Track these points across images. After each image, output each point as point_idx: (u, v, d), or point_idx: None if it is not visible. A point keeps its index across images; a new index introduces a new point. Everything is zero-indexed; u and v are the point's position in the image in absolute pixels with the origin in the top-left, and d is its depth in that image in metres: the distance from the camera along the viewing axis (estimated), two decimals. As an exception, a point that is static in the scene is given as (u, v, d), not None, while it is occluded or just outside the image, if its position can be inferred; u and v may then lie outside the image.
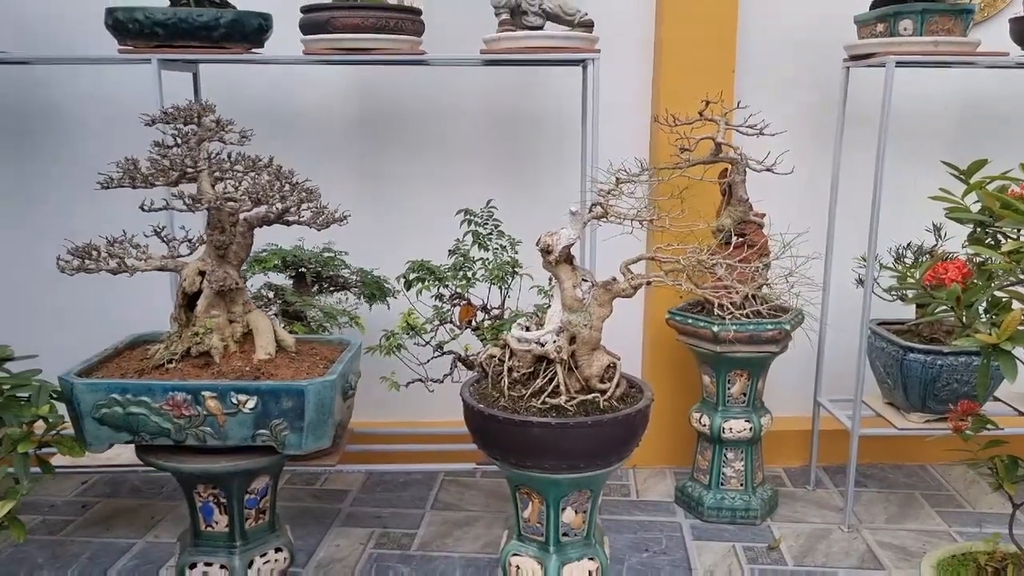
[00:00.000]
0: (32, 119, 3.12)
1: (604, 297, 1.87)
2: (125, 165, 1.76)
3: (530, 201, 3.12)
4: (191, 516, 1.94)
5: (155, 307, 2.62)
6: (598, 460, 1.83)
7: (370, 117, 3.16)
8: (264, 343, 1.87)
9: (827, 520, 2.86)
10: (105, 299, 3.05)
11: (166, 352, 1.84)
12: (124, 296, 2.79)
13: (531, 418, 1.78)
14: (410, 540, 2.74)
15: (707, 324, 2.67)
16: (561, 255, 1.87)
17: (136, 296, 2.69)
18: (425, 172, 3.18)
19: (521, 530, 1.97)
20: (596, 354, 1.89)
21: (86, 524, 2.85)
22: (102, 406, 1.73)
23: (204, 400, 1.73)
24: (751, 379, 2.77)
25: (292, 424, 1.75)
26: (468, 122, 3.17)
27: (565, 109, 3.11)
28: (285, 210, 1.80)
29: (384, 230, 3.12)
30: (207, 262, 1.87)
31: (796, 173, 2.68)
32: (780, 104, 3.00)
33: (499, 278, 2.55)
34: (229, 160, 1.89)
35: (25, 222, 3.19)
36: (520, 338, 1.91)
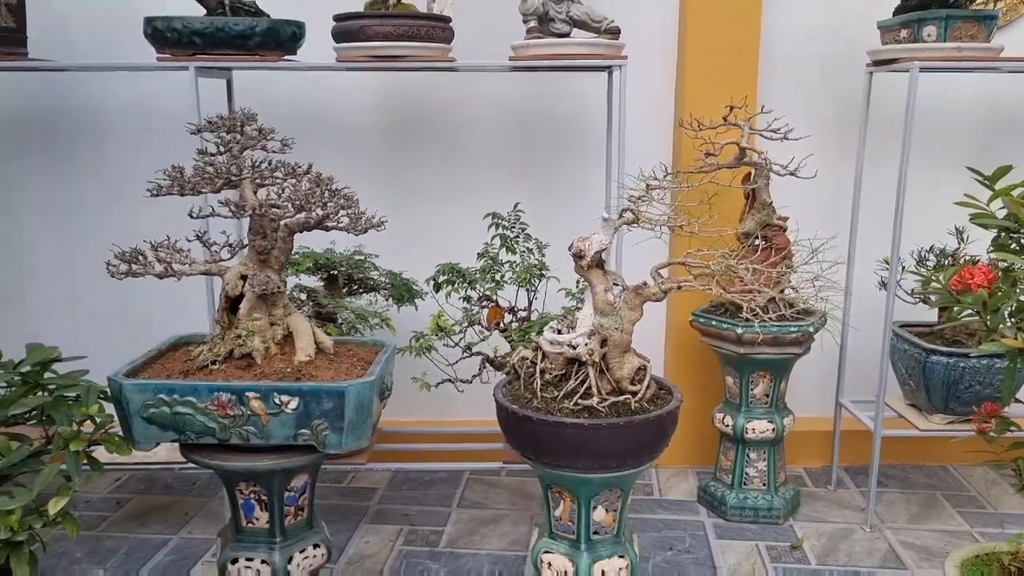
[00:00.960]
0: (70, 125, 3.20)
1: (635, 301, 1.92)
2: (172, 173, 1.82)
3: (555, 205, 3.17)
4: (232, 513, 2.00)
5: (190, 309, 2.70)
6: (629, 460, 1.88)
7: (398, 123, 3.22)
8: (304, 345, 1.93)
9: (849, 520, 2.89)
10: (140, 301, 3.13)
11: (210, 354, 1.90)
12: (159, 298, 2.86)
13: (564, 419, 1.82)
14: (438, 537, 2.79)
15: (731, 326, 2.70)
16: (593, 260, 1.91)
17: (170, 298, 2.75)
18: (452, 177, 3.24)
19: (552, 528, 2.02)
20: (627, 356, 1.94)
21: (121, 520, 2.92)
22: (150, 406, 1.79)
23: (248, 400, 1.78)
24: (774, 380, 2.81)
25: (333, 424, 1.80)
26: (494, 128, 3.22)
27: (589, 115, 3.15)
28: (325, 216, 1.85)
29: (412, 233, 3.17)
30: (249, 266, 1.93)
31: (818, 177, 2.71)
32: (803, 109, 3.03)
33: (526, 280, 2.60)
34: (270, 167, 1.94)
35: (65, 225, 3.27)
36: (552, 341, 1.96)
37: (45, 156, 3.22)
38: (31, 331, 3.10)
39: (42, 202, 3.26)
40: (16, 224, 3.28)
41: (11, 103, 3.19)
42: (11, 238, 3.29)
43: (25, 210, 3.27)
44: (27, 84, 3.17)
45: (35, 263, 3.30)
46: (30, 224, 3.28)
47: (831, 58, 3.14)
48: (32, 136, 3.21)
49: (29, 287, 3.32)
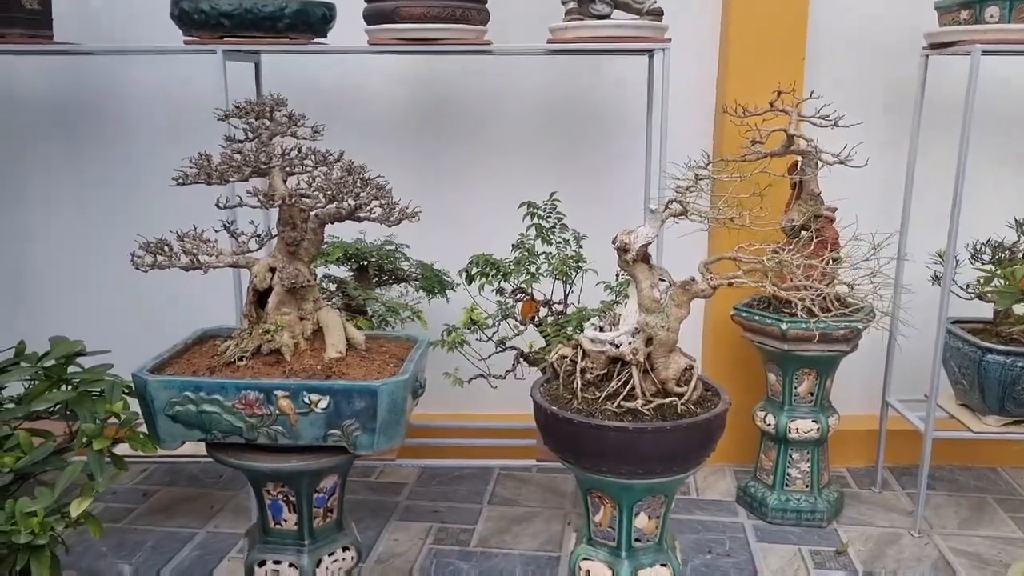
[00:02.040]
0: (95, 110, 3.14)
1: (682, 298, 1.82)
2: (199, 161, 1.74)
3: (591, 195, 3.06)
4: (260, 513, 1.93)
5: (219, 299, 2.64)
6: (675, 466, 1.78)
7: (430, 108, 3.12)
8: (335, 341, 1.85)
9: (895, 524, 2.78)
10: (167, 292, 3.07)
11: (237, 349, 1.83)
12: (186, 289, 2.79)
13: (607, 422, 1.73)
14: (468, 536, 2.72)
15: (775, 321, 2.59)
16: (638, 254, 1.81)
17: (198, 288, 2.69)
18: (486, 165, 3.14)
19: (592, 534, 1.93)
20: (673, 356, 1.84)
21: (148, 512, 2.88)
22: (175, 403, 1.72)
23: (276, 399, 1.71)
24: (819, 378, 2.70)
25: (364, 425, 1.72)
26: (529, 114, 3.12)
27: (627, 101, 3.04)
28: (357, 207, 1.77)
29: (443, 222, 3.09)
30: (278, 258, 1.85)
31: (868, 166, 2.58)
32: (852, 94, 2.90)
33: (563, 273, 2.50)
34: (300, 155, 1.86)
35: (89, 213, 3.21)
36: (594, 339, 1.86)
37: (69, 141, 3.17)
38: (55, 322, 3.06)
39: (66, 189, 3.21)
40: (40, 211, 3.23)
41: (35, 87, 3.14)
42: (34, 225, 3.24)
43: (48, 197, 3.21)
44: (51, 68, 3.11)
45: (58, 251, 3.26)
46: (54, 211, 3.23)
47: (883, 41, 2.99)
48: (56, 121, 3.15)
49: (52, 276, 3.28)
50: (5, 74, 3.11)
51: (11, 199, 3.22)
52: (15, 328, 2.52)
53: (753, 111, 2.62)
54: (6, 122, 3.15)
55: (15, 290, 3.29)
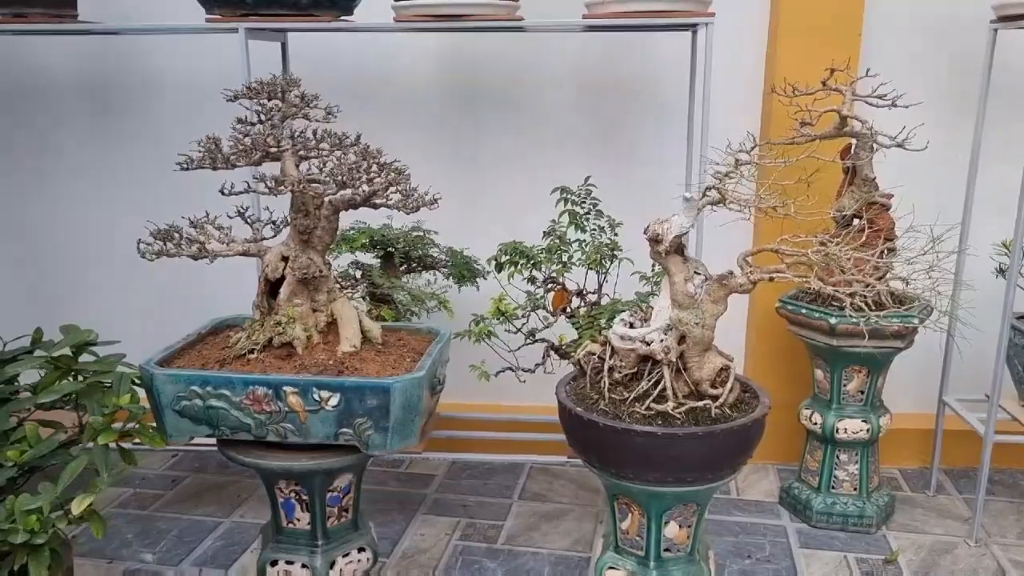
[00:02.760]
0: (117, 91, 3.09)
1: (719, 293, 1.69)
2: (207, 144, 1.66)
3: (628, 179, 2.93)
4: (272, 512, 1.86)
5: (245, 286, 2.57)
6: (708, 473, 1.66)
7: (459, 88, 3.00)
8: (349, 334, 1.76)
9: (950, 532, 2.61)
10: (190, 277, 3.01)
11: (247, 342, 1.75)
12: (211, 273, 2.73)
13: (634, 426, 1.61)
14: (497, 532, 2.63)
15: (823, 315, 2.44)
16: (672, 245, 1.68)
17: (223, 273, 2.63)
18: (516, 146, 3.02)
19: (619, 542, 1.82)
20: (708, 355, 1.71)
21: (175, 500, 2.85)
22: (182, 398, 1.65)
23: (285, 395, 1.63)
24: (870, 376, 2.54)
25: (377, 423, 1.64)
26: (561, 93, 2.98)
27: (668, 79, 2.88)
28: (372, 193, 1.67)
29: (472, 207, 2.98)
30: (290, 247, 1.77)
31: (927, 149, 2.39)
32: (912, 72, 2.70)
33: (597, 262, 2.38)
34: (314, 138, 1.76)
35: (109, 198, 3.17)
36: (623, 336, 1.74)
37: (92, 122, 3.12)
38: (69, 307, 3.05)
39: (84, 174, 3.17)
40: (57, 195, 3.20)
41: (57, 66, 3.09)
42: (51, 210, 3.21)
43: (66, 180, 3.18)
44: (73, 47, 3.05)
45: (77, 235, 3.23)
46: (72, 195, 3.19)
47: (946, 13, 2.78)
48: (79, 101, 3.11)
49: (69, 260, 3.25)
50: (27, 53, 3.08)
51: (34, 184, 3.20)
52: (32, 315, 2.48)
53: (803, 90, 2.45)
54: (28, 101, 3.13)
55: (36, 274, 3.27)
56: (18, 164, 3.18)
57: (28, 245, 3.26)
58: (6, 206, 3.22)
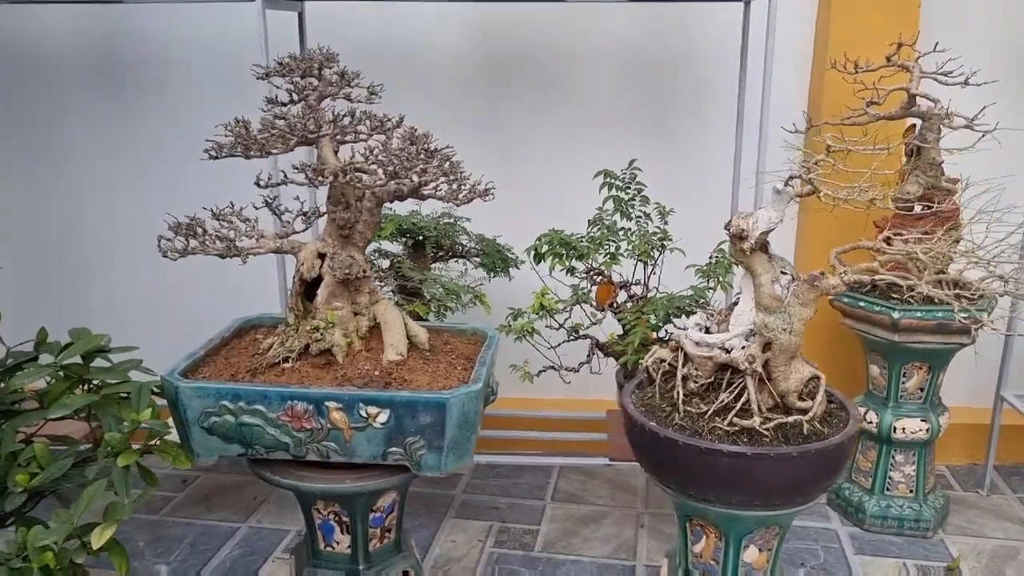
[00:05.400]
0: (130, 67, 2.86)
1: (808, 295, 1.51)
2: (236, 129, 1.47)
3: (673, 163, 2.74)
4: (309, 533, 1.69)
5: (264, 278, 2.38)
6: (798, 497, 1.50)
7: (492, 63, 2.80)
8: (394, 341, 1.58)
9: (1010, 535, 2.47)
10: (204, 270, 2.83)
11: (282, 348, 1.57)
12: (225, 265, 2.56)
13: (720, 446, 1.45)
14: (532, 539, 2.47)
15: (885, 309, 2.27)
16: (757, 242, 1.51)
17: (239, 267, 2.45)
18: (554, 127, 2.82)
19: (690, 565, 1.66)
20: (795, 364, 1.54)
21: (187, 503, 2.68)
22: (211, 414, 1.48)
23: (328, 411, 1.45)
24: (931, 373, 2.38)
25: (431, 442, 1.46)
26: (605, 70, 2.78)
27: (718, 55, 2.69)
28: (421, 184, 1.48)
29: (506, 191, 2.78)
30: (328, 243, 1.58)
31: (996, 130, 2.22)
32: (973, 45, 2.51)
33: (645, 253, 2.20)
34: (353, 121, 1.57)
35: (120, 186, 2.95)
36: (699, 341, 1.57)
37: (102, 101, 2.90)
38: (78, 307, 2.84)
39: (94, 157, 2.95)
40: (66, 182, 2.98)
41: (63, 42, 2.87)
42: (59, 198, 2.99)
43: (75, 165, 2.96)
44: (74, 19, 2.83)
45: (84, 227, 3.01)
46: (81, 183, 2.97)
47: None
48: (90, 77, 2.89)
49: (77, 255, 3.04)
50: (32, 25, 2.85)
51: (33, 169, 2.98)
52: (35, 315, 2.29)
53: (866, 67, 2.27)
54: (28, 77, 2.90)
55: (38, 270, 3.06)
56: (16, 146, 2.96)
57: (27, 238, 3.04)
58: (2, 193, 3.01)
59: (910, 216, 2.32)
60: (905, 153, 2.36)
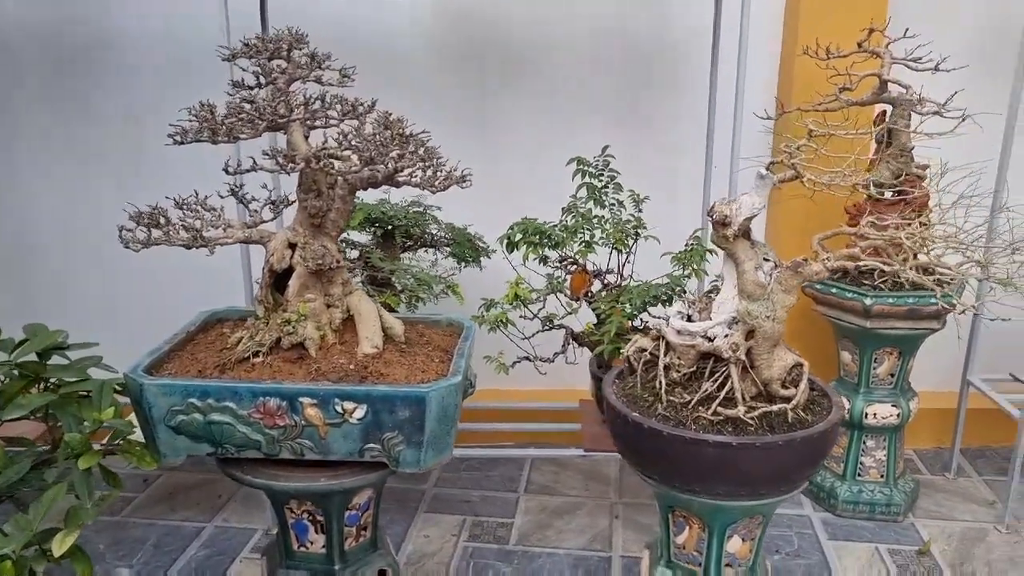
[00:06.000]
0: (85, 51, 2.75)
1: (791, 282, 1.50)
2: (201, 112, 1.40)
3: (641, 148, 2.71)
4: (281, 533, 1.63)
5: (227, 271, 2.30)
6: (783, 485, 1.48)
7: (462, 47, 2.74)
8: (369, 333, 1.53)
9: (979, 517, 2.51)
10: (165, 261, 2.74)
11: (251, 343, 1.51)
12: (188, 256, 2.47)
13: (705, 436, 1.42)
14: (507, 532, 2.44)
15: (857, 296, 2.28)
16: (740, 229, 1.48)
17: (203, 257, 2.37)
18: (523, 112, 2.78)
19: (672, 556, 1.64)
20: (777, 351, 1.53)
21: (149, 502, 2.59)
22: (178, 412, 1.41)
23: (302, 408, 1.40)
24: (901, 358, 2.40)
25: (410, 437, 1.42)
26: (574, 54, 2.74)
27: (689, 39, 2.67)
28: (396, 170, 1.43)
29: (477, 179, 2.74)
30: (299, 232, 1.52)
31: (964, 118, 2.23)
32: (940, 32, 2.52)
33: (620, 241, 2.17)
34: (324, 104, 1.51)
35: (78, 175, 2.84)
36: (681, 330, 1.54)
37: (53, 88, 2.78)
38: (34, 301, 2.73)
39: (48, 144, 2.83)
40: (17, 170, 2.85)
41: (10, 24, 2.74)
42: (11, 187, 2.87)
43: (27, 153, 2.84)
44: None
45: (39, 217, 2.89)
46: (34, 172, 2.85)
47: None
48: (37, 63, 2.76)
49: (31, 248, 2.92)
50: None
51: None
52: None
53: (839, 53, 2.26)
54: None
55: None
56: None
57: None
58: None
59: (882, 202, 2.33)
60: (875, 139, 2.36)
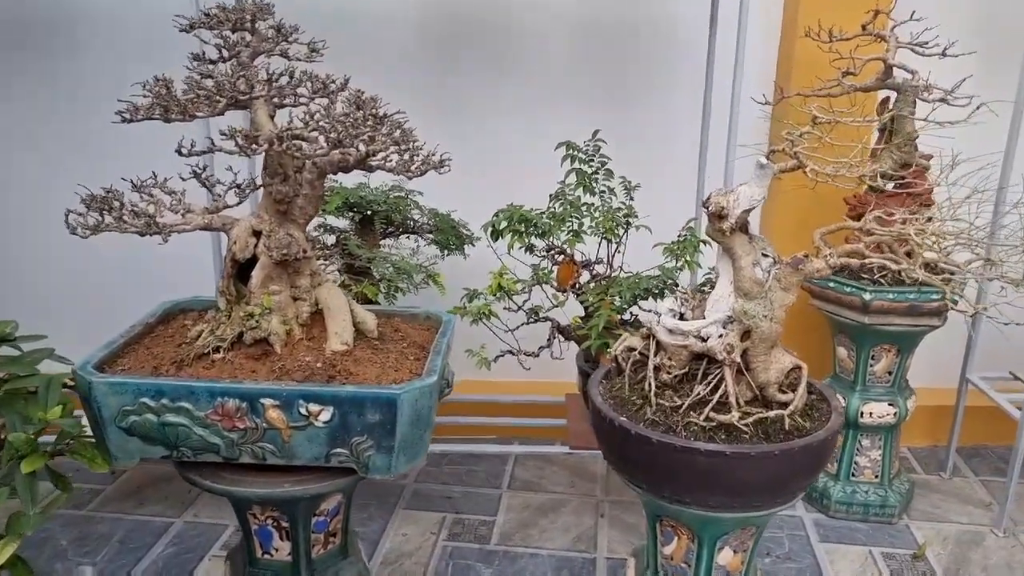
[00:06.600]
0: (31, 24, 2.62)
1: (791, 279, 1.40)
2: (156, 88, 1.28)
3: (631, 134, 2.60)
4: (244, 540, 1.54)
5: (197, 258, 2.20)
6: (779, 497, 1.39)
7: (443, 23, 2.62)
8: (339, 328, 1.42)
9: (975, 520, 2.43)
10: (128, 247, 2.62)
11: (212, 337, 1.40)
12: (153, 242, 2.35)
13: (696, 444, 1.33)
14: (488, 530, 2.35)
15: (856, 290, 2.19)
16: (738, 222, 1.38)
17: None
18: (509, 93, 2.66)
19: (659, 567, 1.55)
20: (774, 353, 1.43)
21: (116, 496, 2.49)
22: (130, 412, 1.31)
23: (263, 409, 1.29)
24: (900, 356, 2.31)
25: (379, 442, 1.32)
26: (560, 33, 2.63)
27: (684, 17, 2.55)
28: (369, 154, 1.32)
29: (460, 164, 2.63)
30: (264, 219, 1.41)
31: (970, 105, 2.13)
32: (950, 15, 2.42)
33: (610, 230, 2.07)
34: (292, 81, 1.40)
35: (30, 153, 2.71)
36: (673, 329, 1.45)
37: (8, 62, 2.65)
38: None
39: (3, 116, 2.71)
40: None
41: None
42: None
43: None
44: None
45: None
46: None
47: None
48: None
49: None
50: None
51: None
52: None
53: (842, 35, 2.16)
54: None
55: None
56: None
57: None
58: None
59: (884, 194, 2.23)
60: (878, 128, 2.26)
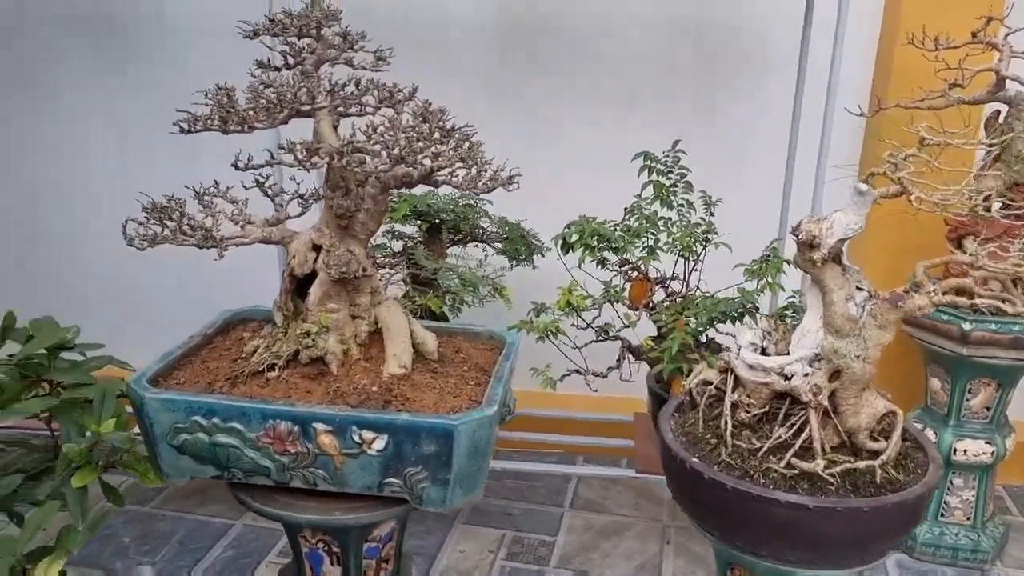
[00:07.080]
0: (122, 23, 2.64)
1: (888, 316, 1.27)
2: (217, 96, 1.24)
3: (712, 144, 2.47)
4: (295, 562, 1.49)
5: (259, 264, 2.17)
6: (865, 556, 1.27)
7: (514, 28, 2.54)
8: (398, 350, 1.36)
9: (1077, 571, 2.24)
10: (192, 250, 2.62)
11: (267, 354, 1.36)
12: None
13: (776, 494, 1.22)
14: (548, 551, 2.27)
15: (955, 319, 2.03)
16: (831, 252, 1.27)
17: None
18: (581, 102, 2.57)
19: (728, 617, 1.45)
20: (866, 396, 1.31)
21: (178, 494, 2.50)
22: (181, 430, 1.27)
23: (316, 434, 1.24)
24: (1000, 391, 2.14)
25: (434, 474, 1.25)
26: (640, 35, 2.51)
27: (767, 19, 2.42)
28: (435, 169, 1.25)
29: (531, 173, 2.55)
30: (324, 233, 1.36)
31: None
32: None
33: (687, 247, 1.96)
34: (357, 90, 1.34)
35: (107, 155, 2.74)
36: (754, 364, 1.33)
37: (91, 61, 2.68)
38: (50, 285, 2.64)
39: (79, 121, 2.73)
40: (44, 146, 2.77)
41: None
42: (36, 162, 2.78)
43: (54, 128, 2.74)
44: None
45: (61, 195, 2.80)
46: (61, 147, 2.76)
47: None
48: (76, 31, 2.66)
49: (49, 225, 2.83)
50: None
51: (16, 128, 2.77)
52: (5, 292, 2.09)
53: (947, 43, 2.00)
54: (19, 30, 2.68)
55: (12, 240, 2.86)
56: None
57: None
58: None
59: (993, 220, 2.05)
60: (986, 146, 2.09)
